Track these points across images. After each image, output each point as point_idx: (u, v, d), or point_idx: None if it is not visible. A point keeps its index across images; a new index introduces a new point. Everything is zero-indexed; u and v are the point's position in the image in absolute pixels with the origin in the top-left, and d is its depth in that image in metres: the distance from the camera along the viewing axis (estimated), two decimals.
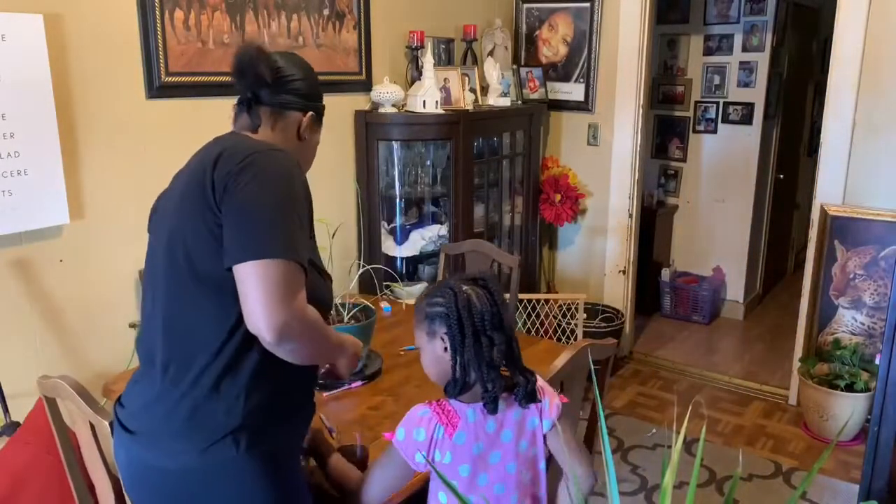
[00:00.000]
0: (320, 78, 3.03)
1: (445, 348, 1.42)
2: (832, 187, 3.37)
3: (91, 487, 1.72)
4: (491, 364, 1.41)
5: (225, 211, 1.30)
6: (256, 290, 1.21)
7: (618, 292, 4.16)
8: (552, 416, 1.50)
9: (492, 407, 1.41)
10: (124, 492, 1.44)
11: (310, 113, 1.59)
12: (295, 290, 1.24)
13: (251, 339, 1.27)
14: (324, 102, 1.65)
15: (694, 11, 4.80)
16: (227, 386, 1.30)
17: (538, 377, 1.50)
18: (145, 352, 1.41)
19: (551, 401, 1.51)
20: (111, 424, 1.42)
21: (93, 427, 1.50)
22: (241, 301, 1.23)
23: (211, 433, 1.29)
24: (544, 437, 1.50)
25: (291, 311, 1.22)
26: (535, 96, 4.02)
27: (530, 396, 1.45)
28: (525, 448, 1.48)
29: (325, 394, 1.98)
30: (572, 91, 4.11)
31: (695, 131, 4.97)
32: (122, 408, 1.40)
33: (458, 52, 3.74)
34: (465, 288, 1.43)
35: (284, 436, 1.39)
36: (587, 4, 3.96)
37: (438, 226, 3.40)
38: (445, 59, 3.64)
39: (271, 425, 1.34)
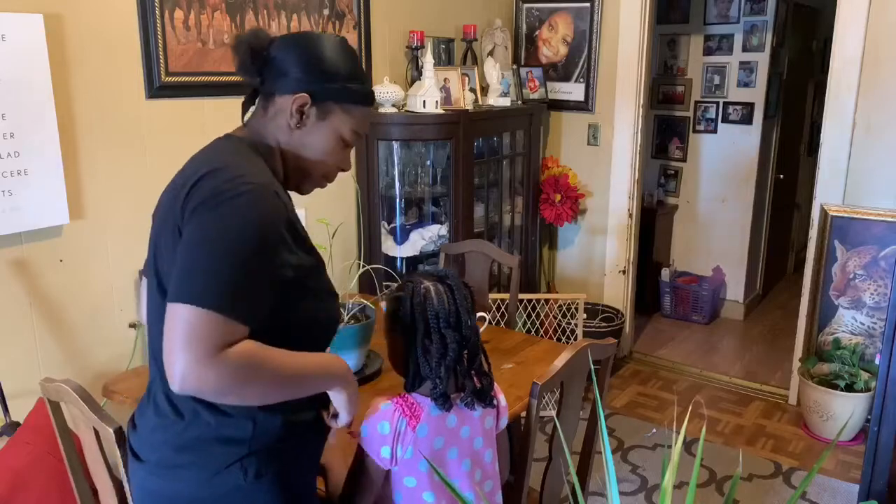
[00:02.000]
0: None
1: (403, 344, 1.43)
2: (832, 187, 3.37)
3: (94, 490, 1.72)
4: (441, 362, 1.39)
5: (180, 242, 1.22)
6: (171, 332, 1.11)
7: (618, 292, 4.16)
8: (505, 416, 1.57)
9: (440, 403, 1.40)
10: None
11: (300, 94, 1.34)
12: (216, 343, 1.10)
13: None
14: (355, 86, 1.38)
15: (694, 11, 4.80)
16: (230, 412, 1.23)
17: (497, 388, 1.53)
18: (150, 375, 1.36)
19: (503, 401, 1.58)
20: (117, 432, 1.41)
21: (96, 432, 1.50)
22: None
23: (217, 462, 1.23)
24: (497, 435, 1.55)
25: (202, 363, 1.09)
26: (535, 96, 4.02)
27: (479, 398, 1.46)
28: (479, 446, 1.49)
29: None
30: (572, 91, 4.11)
31: (695, 131, 4.97)
32: (134, 431, 1.34)
33: (458, 52, 3.74)
34: (424, 283, 1.43)
35: (295, 459, 1.32)
36: (587, 4, 3.96)
37: (438, 226, 3.40)
38: (445, 59, 3.64)
39: (281, 450, 1.28)
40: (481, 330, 2.37)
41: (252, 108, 1.51)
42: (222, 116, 2.72)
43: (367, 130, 1.51)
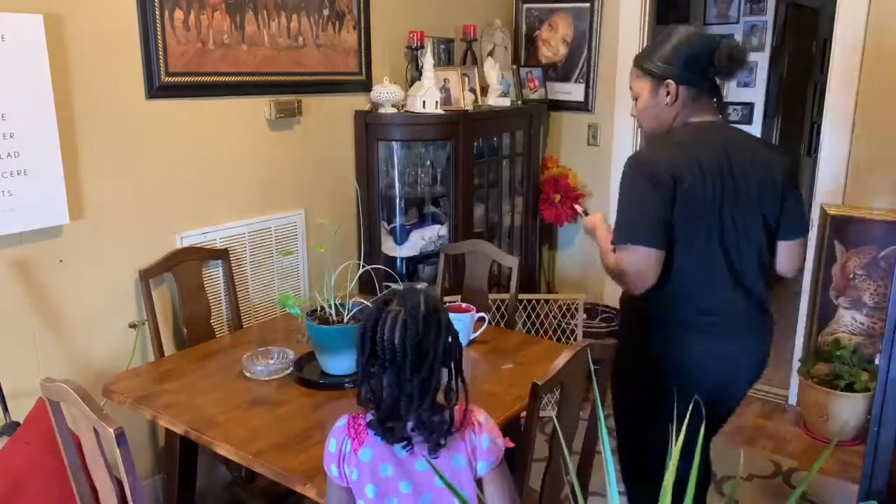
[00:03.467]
0: (318, 78, 3.05)
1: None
2: (832, 187, 3.37)
3: (94, 490, 1.72)
4: (377, 393, 1.32)
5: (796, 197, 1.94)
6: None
7: (618, 292, 4.14)
8: (490, 459, 1.37)
9: (381, 435, 1.32)
10: None
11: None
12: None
13: None
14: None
15: (694, 11, 4.81)
16: None
17: (480, 413, 1.40)
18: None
19: (493, 440, 1.37)
20: (117, 432, 1.41)
21: (96, 431, 1.50)
22: None
23: None
24: (478, 480, 1.37)
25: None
26: (534, 96, 4.02)
27: (433, 445, 1.32)
28: (439, 486, 1.34)
29: None
30: (572, 91, 4.11)
31: None
32: None
33: (458, 53, 3.73)
34: (390, 307, 1.32)
35: None
36: (587, 4, 3.96)
37: (438, 226, 3.40)
38: (445, 59, 3.64)
39: None
40: (481, 330, 2.37)
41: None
42: (222, 116, 2.72)
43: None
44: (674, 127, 1.94)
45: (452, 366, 1.34)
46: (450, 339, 1.34)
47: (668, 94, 1.88)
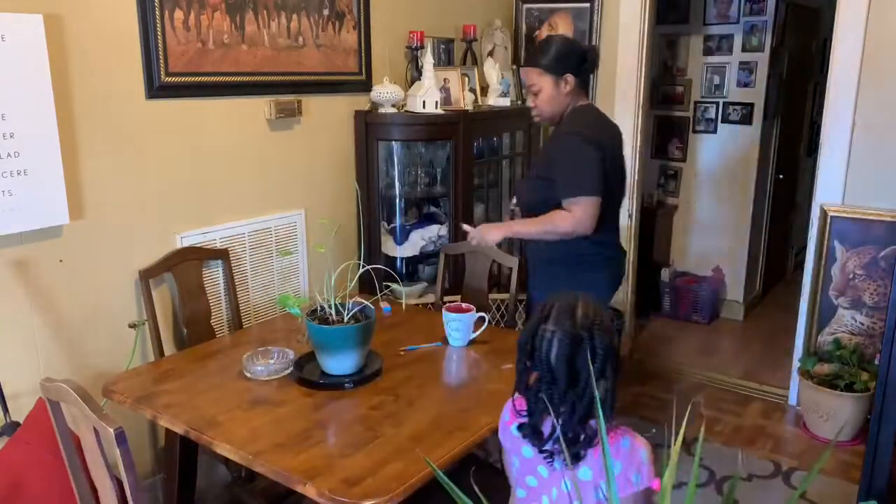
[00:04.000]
0: (318, 78, 3.06)
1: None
2: (832, 187, 3.37)
3: (94, 490, 1.72)
4: (539, 407, 1.38)
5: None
6: None
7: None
8: (619, 485, 1.34)
9: (528, 438, 1.41)
10: None
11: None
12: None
13: None
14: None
15: (694, 12, 4.80)
16: None
17: (638, 440, 1.44)
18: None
19: (625, 471, 1.37)
20: (117, 432, 1.41)
21: (96, 431, 1.50)
22: None
23: None
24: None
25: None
26: None
27: (574, 456, 1.37)
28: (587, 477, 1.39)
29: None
30: None
31: (694, 131, 4.97)
32: None
33: (458, 53, 3.73)
34: (551, 329, 1.37)
35: None
36: (587, 4, 3.96)
37: (438, 226, 3.40)
38: (445, 59, 3.64)
39: None
40: (481, 330, 2.37)
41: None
42: (222, 116, 2.72)
43: (525, 87, 2.50)
44: (567, 111, 2.47)
45: (604, 383, 1.37)
46: (604, 357, 1.36)
47: (566, 85, 2.41)
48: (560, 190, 2.35)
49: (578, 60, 2.42)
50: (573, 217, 2.32)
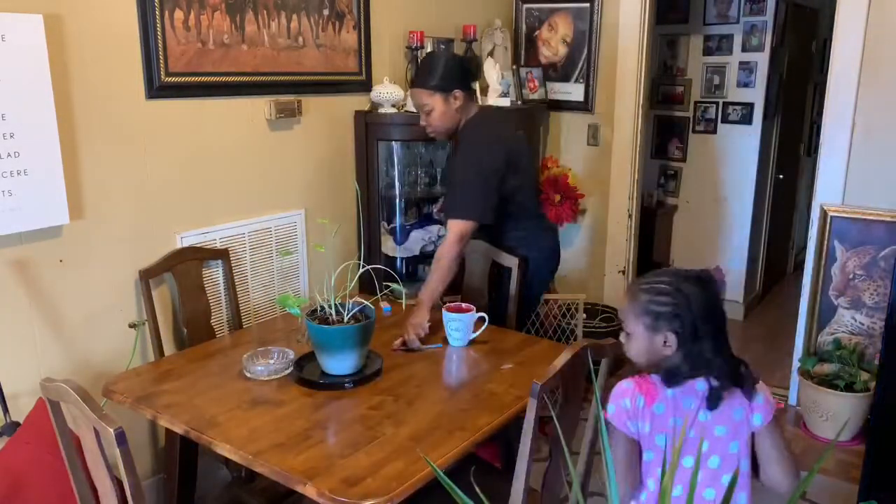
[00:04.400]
0: (318, 78, 3.08)
1: (665, 342, 1.53)
2: (832, 187, 3.37)
3: (94, 490, 1.72)
4: (707, 360, 1.51)
5: None
6: None
7: (617, 292, 4.16)
8: (764, 412, 1.54)
9: (713, 403, 1.50)
10: None
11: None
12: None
13: None
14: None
15: (694, 11, 4.80)
16: None
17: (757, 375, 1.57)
18: None
19: (766, 398, 1.56)
20: (117, 432, 1.41)
21: (96, 431, 1.50)
22: None
23: None
24: (752, 433, 1.55)
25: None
26: (534, 96, 4.02)
27: (730, 381, 1.52)
28: (723, 434, 1.52)
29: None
30: (572, 91, 4.11)
31: (694, 131, 4.97)
32: None
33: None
34: (691, 289, 1.52)
35: None
36: (587, 4, 3.96)
37: (438, 226, 3.40)
38: None
39: None
40: (481, 330, 2.37)
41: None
42: (222, 116, 2.72)
43: (415, 107, 2.63)
44: (462, 123, 2.60)
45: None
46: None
47: (455, 100, 2.53)
48: (448, 204, 2.59)
49: (463, 74, 2.55)
50: (450, 238, 2.50)
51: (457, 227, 2.50)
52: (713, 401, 1.50)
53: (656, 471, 1.54)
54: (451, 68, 2.53)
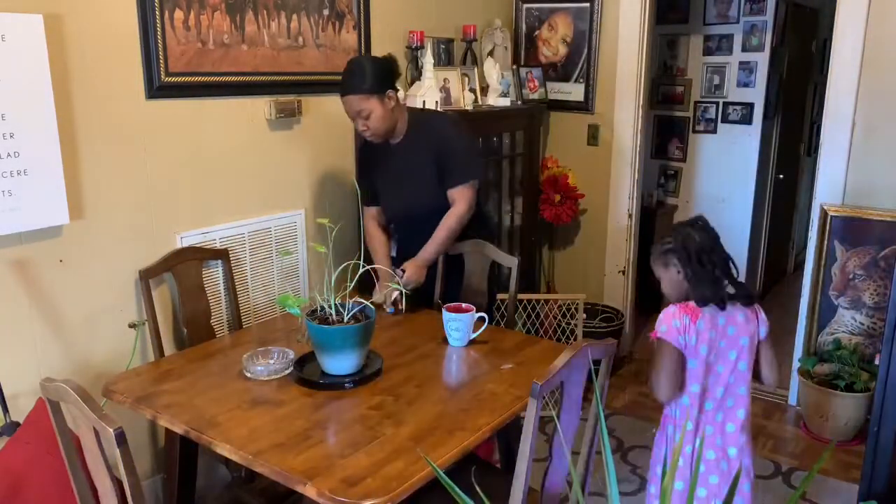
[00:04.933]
0: (318, 78, 3.10)
1: (678, 272, 1.98)
2: (832, 187, 3.37)
3: (94, 490, 1.72)
4: (713, 279, 1.93)
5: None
6: None
7: (618, 292, 4.16)
8: (766, 328, 2.03)
9: (721, 305, 1.92)
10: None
11: None
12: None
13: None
14: None
15: (694, 11, 4.81)
16: None
17: (758, 306, 2.02)
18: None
19: (764, 317, 2.03)
20: (117, 432, 1.41)
21: (96, 432, 1.50)
22: None
23: None
24: (758, 342, 2.01)
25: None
26: (534, 96, 4.02)
27: (744, 300, 1.97)
28: (745, 343, 1.98)
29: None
30: (572, 91, 4.11)
31: (694, 131, 4.98)
32: None
33: (458, 53, 3.74)
34: (685, 229, 1.99)
35: None
36: (587, 4, 3.96)
37: None
38: (445, 59, 3.64)
39: None
40: (481, 330, 2.38)
41: None
42: (222, 116, 2.72)
43: (350, 113, 2.58)
44: (407, 117, 2.67)
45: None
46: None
47: (390, 100, 2.55)
48: (458, 174, 2.65)
49: (391, 74, 2.58)
50: (465, 206, 2.65)
51: (469, 193, 2.66)
52: (743, 300, 1.97)
53: (699, 375, 1.96)
54: (379, 70, 2.53)
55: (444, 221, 2.66)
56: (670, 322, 1.95)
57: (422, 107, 3.13)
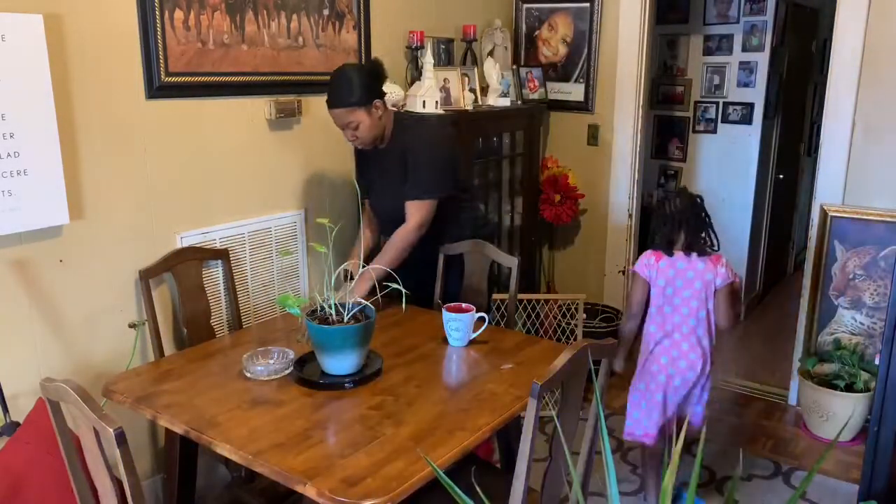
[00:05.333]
0: (318, 78, 3.10)
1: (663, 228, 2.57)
2: (832, 187, 3.37)
3: (94, 490, 1.72)
4: (668, 232, 2.54)
5: None
6: None
7: (617, 292, 4.16)
8: (721, 278, 2.51)
9: (666, 250, 2.55)
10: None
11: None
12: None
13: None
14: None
15: (694, 11, 4.81)
16: None
17: (723, 260, 2.53)
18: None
19: (727, 272, 2.52)
20: (117, 432, 1.41)
21: (96, 432, 1.50)
22: None
23: None
24: (715, 290, 2.53)
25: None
26: (534, 96, 4.02)
27: (701, 252, 2.53)
28: (699, 287, 2.52)
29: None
30: (572, 91, 4.11)
31: (694, 131, 4.97)
32: None
33: (458, 53, 3.74)
34: (674, 197, 2.59)
35: None
36: (587, 4, 3.96)
37: None
38: (445, 59, 3.64)
39: None
40: (481, 330, 2.38)
41: None
42: (222, 116, 2.72)
43: (338, 125, 2.60)
44: (393, 124, 2.66)
45: (706, 225, 2.57)
46: (701, 212, 2.56)
47: (377, 109, 2.56)
48: (415, 188, 2.61)
49: (377, 82, 2.56)
50: (419, 218, 2.60)
51: (423, 210, 2.61)
52: (690, 251, 2.53)
53: (658, 301, 2.59)
54: (364, 80, 2.51)
55: (391, 238, 2.63)
56: (641, 260, 2.62)
57: (421, 107, 3.13)
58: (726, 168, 4.85)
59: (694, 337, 2.54)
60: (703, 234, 2.53)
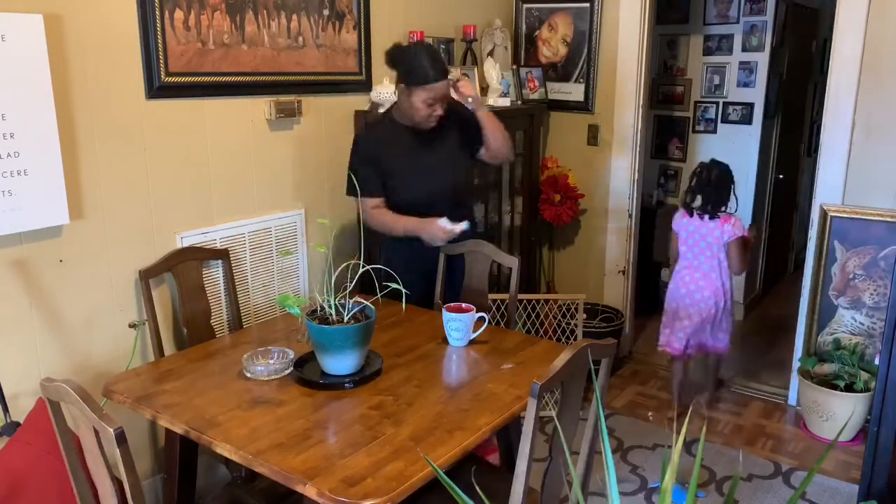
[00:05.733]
0: (318, 78, 3.08)
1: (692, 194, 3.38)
2: (832, 187, 3.37)
3: (94, 490, 1.72)
4: (691, 197, 3.34)
5: None
6: None
7: (618, 292, 4.16)
8: (730, 233, 3.26)
9: (689, 212, 3.34)
10: None
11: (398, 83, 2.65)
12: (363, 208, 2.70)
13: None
14: (414, 76, 2.57)
15: (694, 12, 4.81)
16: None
17: (731, 220, 3.28)
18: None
19: (734, 229, 3.26)
20: (117, 432, 1.41)
21: (96, 432, 1.50)
22: None
23: None
24: (726, 244, 3.28)
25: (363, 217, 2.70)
26: (534, 96, 4.02)
27: (710, 215, 3.29)
28: (712, 241, 3.28)
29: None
30: (572, 91, 4.11)
31: (694, 131, 4.97)
32: None
33: (458, 53, 3.74)
34: (712, 166, 3.33)
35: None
36: (587, 4, 3.96)
37: None
38: (445, 59, 3.63)
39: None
40: (481, 330, 2.38)
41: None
42: (222, 116, 2.72)
43: (434, 100, 2.59)
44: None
45: (730, 192, 3.35)
46: (728, 178, 3.35)
47: None
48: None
49: None
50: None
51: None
52: (703, 214, 3.31)
53: (685, 247, 3.37)
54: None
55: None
56: (675, 216, 3.43)
57: None
58: None
59: (711, 275, 3.32)
60: (714, 202, 3.27)
